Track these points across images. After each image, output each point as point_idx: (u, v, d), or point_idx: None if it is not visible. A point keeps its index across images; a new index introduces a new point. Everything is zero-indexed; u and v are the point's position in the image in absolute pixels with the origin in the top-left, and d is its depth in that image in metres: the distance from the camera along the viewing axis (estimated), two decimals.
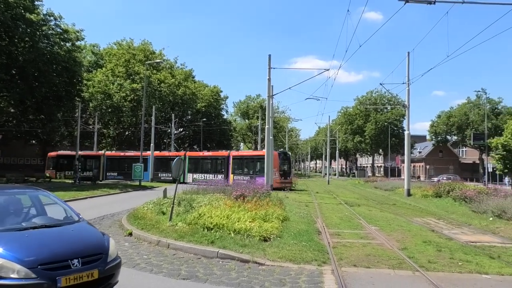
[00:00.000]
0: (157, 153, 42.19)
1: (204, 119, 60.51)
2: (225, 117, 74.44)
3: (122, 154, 43.36)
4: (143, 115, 36.71)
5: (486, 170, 48.54)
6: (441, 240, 10.55)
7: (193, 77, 64.87)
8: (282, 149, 47.70)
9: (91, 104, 48.00)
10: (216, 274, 6.89)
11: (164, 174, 40.22)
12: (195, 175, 37.77)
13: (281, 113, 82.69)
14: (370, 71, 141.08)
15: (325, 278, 6.75)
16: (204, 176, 36.62)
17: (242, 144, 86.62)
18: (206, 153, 40.53)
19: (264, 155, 30.67)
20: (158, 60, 45.38)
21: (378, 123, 74.39)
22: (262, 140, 44.75)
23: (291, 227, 11.29)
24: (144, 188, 30.60)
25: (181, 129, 54.09)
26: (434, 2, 11.07)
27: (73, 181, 34.23)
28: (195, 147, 74.36)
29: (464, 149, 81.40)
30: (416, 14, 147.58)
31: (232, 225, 9.87)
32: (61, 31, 33.08)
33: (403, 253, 8.68)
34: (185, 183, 33.26)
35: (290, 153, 37.60)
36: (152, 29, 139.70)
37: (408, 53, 27.34)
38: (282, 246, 8.67)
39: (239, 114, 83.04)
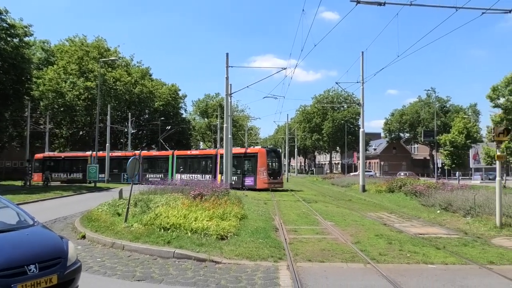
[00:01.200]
0: (145, 152, 40.05)
1: (162, 118, 59.54)
2: (183, 116, 73.55)
3: (110, 154, 40.86)
4: (98, 114, 35.62)
5: (435, 166, 50.91)
6: (392, 233, 11.00)
7: (150, 75, 63.61)
8: (271, 146, 43.24)
9: (41, 103, 45.88)
10: (172, 274, 6.84)
11: (152, 175, 36.04)
12: (183, 176, 34.09)
13: (241, 111, 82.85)
14: (328, 70, 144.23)
15: (280, 273, 6.87)
16: (192, 176, 33.16)
17: (201, 143, 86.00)
18: (193, 152, 37.64)
19: (253, 153, 30.42)
20: (113, 58, 44.00)
21: (335, 121, 76.10)
22: (222, 139, 44.58)
23: (248, 225, 11.38)
24: (100, 189, 29.74)
25: (169, 127, 52.67)
26: (384, 4, 11.52)
27: (23, 184, 32.68)
28: (153, 146, 73.11)
29: (415, 145, 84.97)
30: (371, 15, 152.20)
31: (189, 225, 9.83)
32: (7, 26, 31.31)
33: (356, 247, 8.98)
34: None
35: (280, 150, 33.62)
36: (106, 26, 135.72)
37: (362, 52, 28.19)
38: (239, 244, 8.73)
39: (198, 113, 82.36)
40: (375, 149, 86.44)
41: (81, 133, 52.81)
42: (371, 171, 69.85)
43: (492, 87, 42.27)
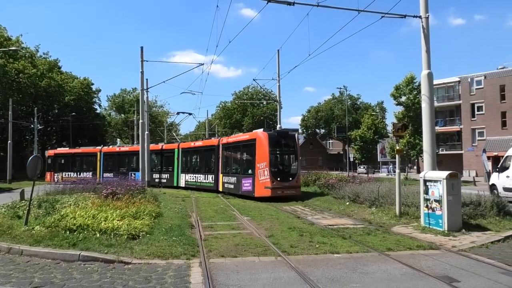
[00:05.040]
0: (153, 146, 32.33)
1: (74, 113, 55.89)
2: (98, 111, 69.76)
3: (117, 149, 36.31)
4: None
5: (348, 160, 54.08)
6: (304, 225, 11.45)
7: (60, 68, 59.23)
8: (280, 128, 27.81)
9: None
10: (75, 278, 6.44)
11: (157, 176, 30.24)
12: (188, 177, 27.15)
13: (159, 107, 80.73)
14: (248, 66, 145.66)
15: (192, 271, 6.81)
16: (195, 177, 26.14)
17: (118, 140, 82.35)
18: (197, 143, 28.31)
19: (250, 140, 20.60)
20: (14, 48, 40.10)
21: (255, 117, 77.24)
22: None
23: (163, 223, 11.15)
24: (0, 190, 27.18)
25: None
26: (293, 3, 11.96)
27: None
28: (64, 143, 68.42)
29: (330, 141, 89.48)
30: (287, 14, 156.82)
31: (98, 225, 9.38)
32: None
33: (269, 240, 9.21)
34: (178, 187, 27.09)
35: (297, 134, 21.42)
36: (6, 12, 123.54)
37: (278, 50, 28.90)
38: (151, 243, 8.51)
39: (114, 108, 78.76)
40: None
41: None
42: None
43: (395, 86, 45.88)
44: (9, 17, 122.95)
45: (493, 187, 18.80)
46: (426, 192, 10.87)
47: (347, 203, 16.59)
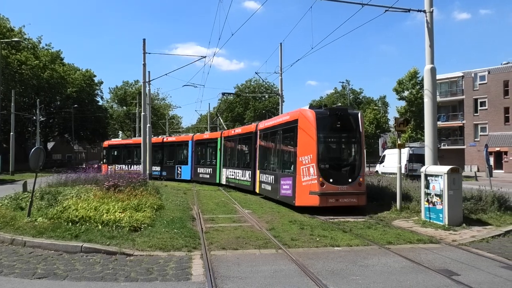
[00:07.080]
0: (198, 135, 29.14)
1: (76, 105, 55.94)
2: (100, 103, 69.82)
3: (164, 139, 31.69)
4: (0, 101, 32.46)
5: None
6: (305, 219, 11.51)
7: (62, 59, 59.22)
8: (334, 105, 17.58)
9: None
10: (78, 270, 6.50)
11: (202, 170, 26.57)
12: (228, 172, 22.86)
13: (162, 100, 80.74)
14: (251, 59, 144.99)
15: (193, 263, 6.86)
16: (234, 173, 21.84)
17: (120, 132, 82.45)
18: (236, 130, 23.35)
19: (291, 122, 14.52)
20: (16, 39, 40.04)
21: (257, 111, 77.26)
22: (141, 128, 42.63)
23: (165, 215, 11.21)
24: (3, 182, 27.33)
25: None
26: None
27: None
28: (66, 135, 68.58)
29: None
30: (291, 7, 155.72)
31: (100, 217, 9.44)
32: None
33: (270, 233, 9.27)
34: (220, 184, 23.64)
35: (360, 114, 13.84)
36: (8, 2, 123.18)
37: (281, 44, 28.63)
38: (153, 235, 8.57)
39: (116, 101, 78.75)
40: None
41: None
42: None
43: (398, 80, 45.80)
44: (11, 8, 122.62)
45: (377, 172, 29.77)
46: (427, 186, 10.88)
47: None
